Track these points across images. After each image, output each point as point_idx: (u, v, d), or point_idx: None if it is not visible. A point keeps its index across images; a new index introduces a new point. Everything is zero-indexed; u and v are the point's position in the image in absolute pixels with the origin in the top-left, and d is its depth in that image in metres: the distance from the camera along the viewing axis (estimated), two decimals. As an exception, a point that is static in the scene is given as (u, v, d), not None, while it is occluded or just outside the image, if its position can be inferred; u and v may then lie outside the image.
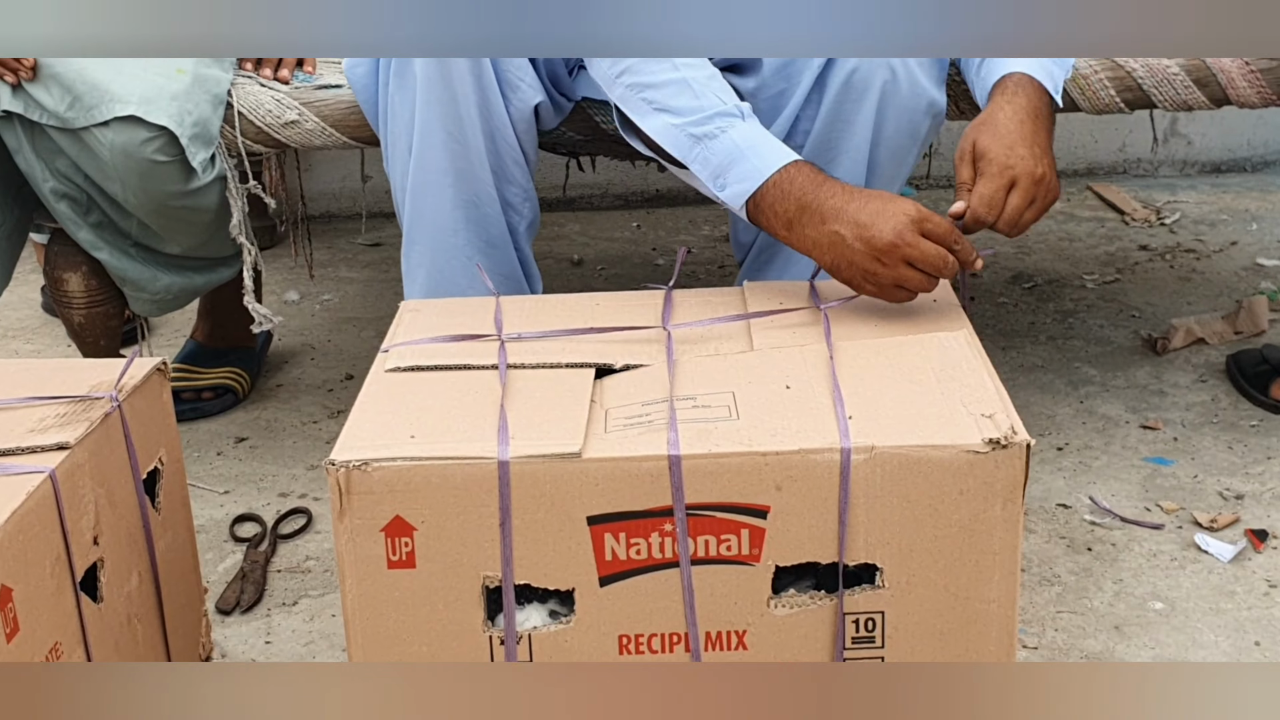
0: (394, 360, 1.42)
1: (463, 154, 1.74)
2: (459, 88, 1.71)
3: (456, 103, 1.72)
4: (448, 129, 1.73)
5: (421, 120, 1.73)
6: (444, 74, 1.71)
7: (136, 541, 1.50)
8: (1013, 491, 1.25)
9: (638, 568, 1.28)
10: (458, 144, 1.74)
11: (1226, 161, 3.19)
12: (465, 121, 1.73)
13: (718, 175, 1.58)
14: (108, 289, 2.02)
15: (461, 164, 1.75)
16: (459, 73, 1.71)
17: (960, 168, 1.56)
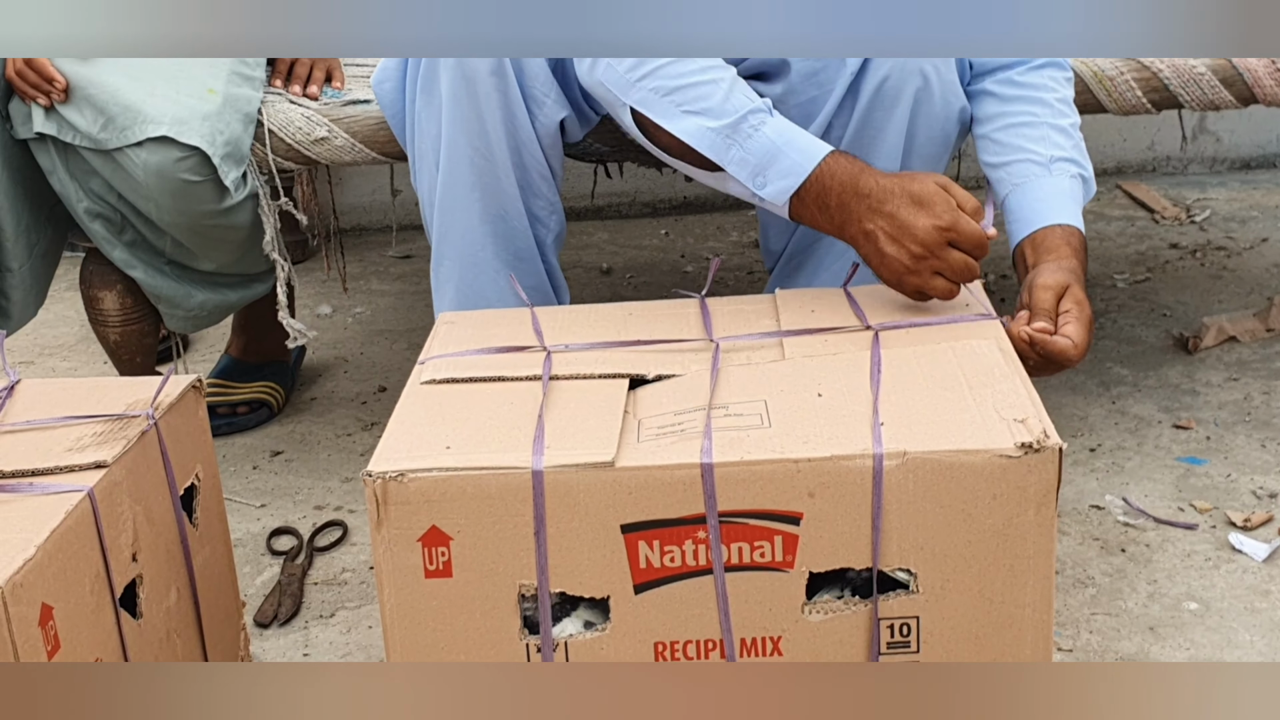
0: (430, 373, 1.43)
1: (489, 169, 1.75)
2: (484, 104, 1.72)
3: (482, 119, 1.73)
4: (474, 145, 1.74)
5: (448, 137, 1.75)
6: (470, 91, 1.72)
7: (175, 557, 1.51)
8: (1046, 496, 1.25)
9: (672, 575, 1.29)
10: (484, 160, 1.75)
11: (1256, 158, 3.18)
12: (491, 137, 1.74)
13: (757, 174, 1.58)
14: (143, 307, 2.04)
15: (488, 179, 1.76)
16: (484, 89, 1.72)
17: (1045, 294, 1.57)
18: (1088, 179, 1.75)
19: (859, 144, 1.76)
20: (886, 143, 1.76)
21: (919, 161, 1.79)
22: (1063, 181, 1.72)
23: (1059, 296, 1.56)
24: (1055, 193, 1.72)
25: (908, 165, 1.79)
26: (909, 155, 1.78)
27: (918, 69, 1.72)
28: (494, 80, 1.71)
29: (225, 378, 2.28)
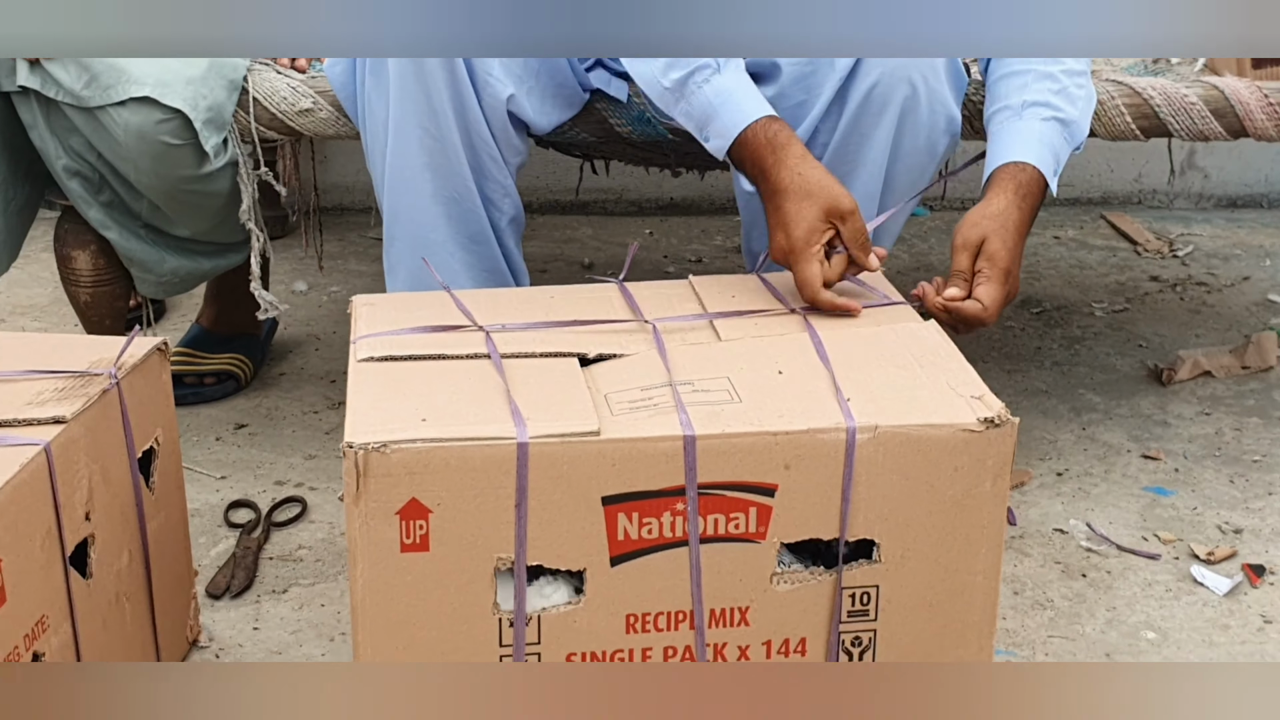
0: (366, 351, 1.43)
1: (439, 150, 1.75)
2: (432, 83, 1.72)
3: (430, 98, 1.73)
4: (423, 125, 1.74)
5: (396, 117, 1.75)
6: (417, 70, 1.72)
7: (129, 520, 1.50)
8: (1002, 468, 1.32)
9: (648, 547, 1.32)
10: (433, 140, 1.75)
11: (1243, 196, 3.18)
12: (440, 117, 1.74)
13: (700, 128, 1.66)
14: (115, 269, 2.02)
15: (439, 160, 1.76)
16: (431, 68, 1.72)
17: (960, 255, 1.62)
18: (1066, 120, 1.74)
19: (845, 150, 1.76)
20: (873, 150, 1.75)
21: (904, 170, 1.78)
22: (1030, 124, 1.72)
23: (974, 255, 1.61)
24: (1015, 134, 1.72)
25: (892, 173, 1.79)
26: (894, 163, 1.78)
27: (906, 78, 1.72)
28: (441, 60, 1.71)
29: (194, 347, 2.26)
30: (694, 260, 2.89)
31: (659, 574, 1.32)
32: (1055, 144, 1.72)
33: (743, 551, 1.32)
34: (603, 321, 1.50)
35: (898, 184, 1.81)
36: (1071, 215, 3.12)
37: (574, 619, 1.32)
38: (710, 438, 1.29)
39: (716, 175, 2.72)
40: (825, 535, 1.33)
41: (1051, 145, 1.71)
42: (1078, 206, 3.17)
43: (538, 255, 2.89)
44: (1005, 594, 1.75)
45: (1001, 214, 1.64)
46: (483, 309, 1.52)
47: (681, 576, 1.32)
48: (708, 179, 2.87)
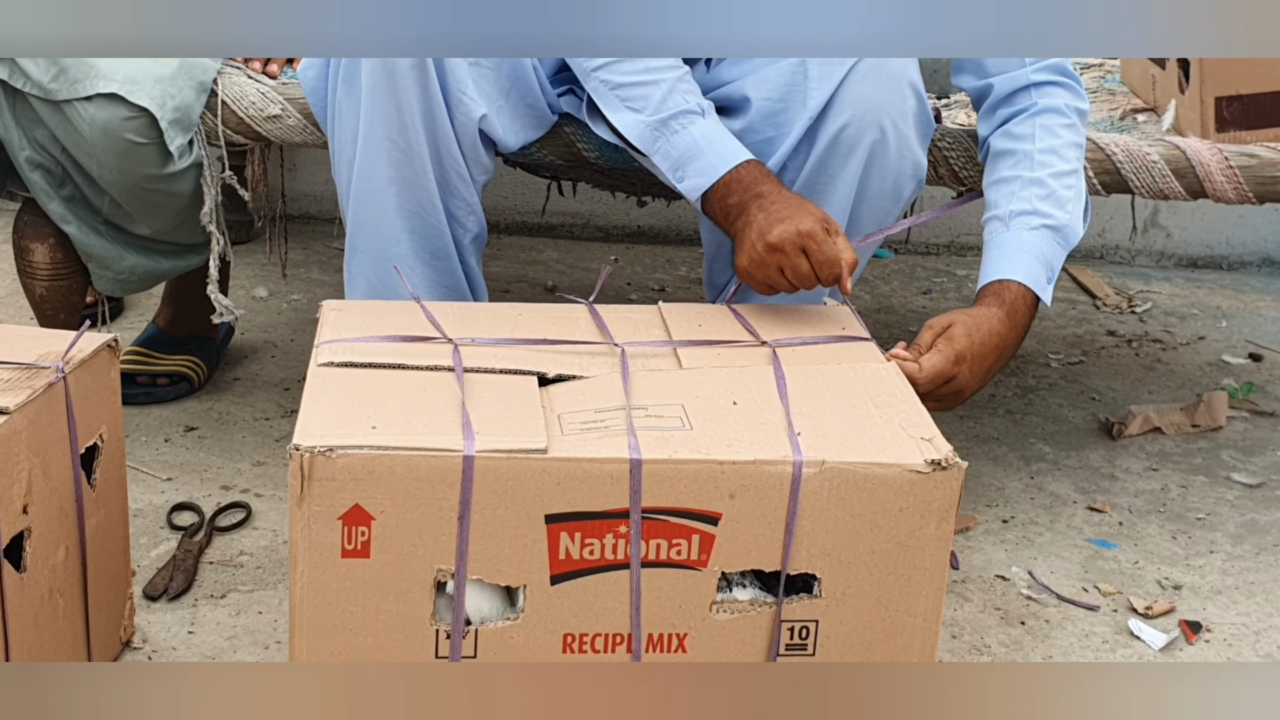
0: (328, 355, 1.43)
1: (407, 163, 1.76)
2: (404, 96, 1.72)
3: (401, 112, 1.73)
4: (392, 138, 1.74)
5: (366, 129, 1.75)
6: (390, 84, 1.72)
7: (67, 515, 1.49)
8: (947, 511, 1.33)
9: (589, 568, 1.32)
10: (402, 153, 1.75)
11: (1204, 257, 3.21)
12: (410, 130, 1.74)
13: (677, 168, 1.69)
14: (73, 263, 2.01)
15: (406, 173, 1.76)
16: (404, 81, 1.72)
17: (924, 333, 1.66)
18: (1057, 226, 1.77)
19: (811, 188, 1.76)
20: (838, 191, 1.76)
21: (869, 212, 1.79)
22: (1019, 235, 1.75)
23: (938, 334, 1.65)
24: (1004, 247, 1.75)
25: (857, 215, 1.80)
26: (859, 205, 1.79)
27: (875, 122, 1.73)
28: (414, 74, 1.72)
29: (149, 347, 2.25)
30: (658, 289, 2.89)
31: (598, 595, 1.32)
32: (1046, 252, 1.75)
33: (684, 578, 1.33)
34: (570, 342, 1.51)
35: (862, 226, 1.82)
36: (1034, 266, 3.13)
37: (511, 635, 1.32)
38: (657, 463, 1.29)
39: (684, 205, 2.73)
40: (767, 567, 1.33)
41: (1041, 254, 1.75)
42: (1041, 258, 3.19)
43: (501, 275, 2.89)
44: (944, 638, 1.75)
45: (978, 315, 1.68)
46: (451, 322, 1.52)
47: (621, 599, 1.33)
48: (674, 209, 2.88)
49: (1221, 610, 1.86)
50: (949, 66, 2.20)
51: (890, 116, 1.74)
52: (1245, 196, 1.90)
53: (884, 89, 1.74)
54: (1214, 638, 1.80)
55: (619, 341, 1.50)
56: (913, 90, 1.76)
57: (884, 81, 1.74)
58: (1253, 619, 1.84)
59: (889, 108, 1.74)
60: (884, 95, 1.74)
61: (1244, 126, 1.94)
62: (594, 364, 1.46)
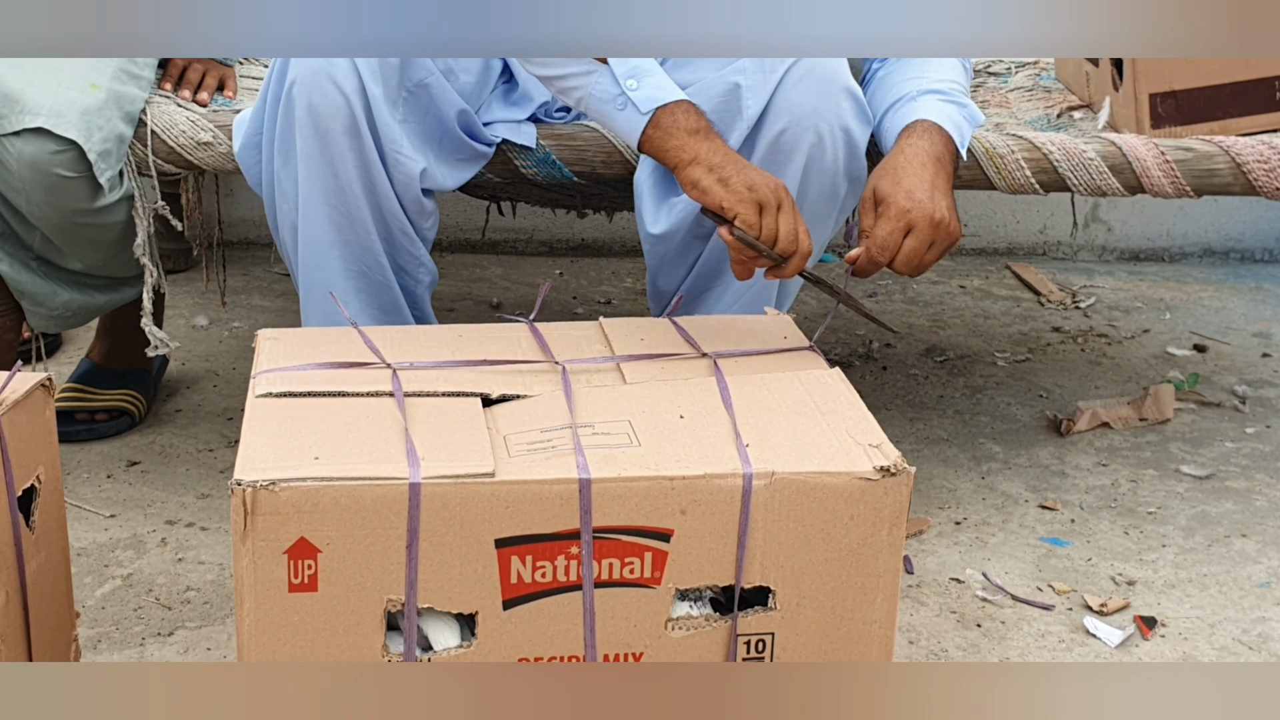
0: (265, 386, 1.41)
1: (349, 226, 1.76)
2: (339, 164, 1.72)
3: (338, 177, 1.73)
4: (331, 204, 1.74)
5: (304, 197, 1.75)
6: (323, 151, 1.71)
7: (6, 560, 1.45)
8: (898, 517, 1.33)
9: (542, 590, 1.31)
10: (343, 217, 1.75)
11: (1145, 250, 3.23)
12: (348, 195, 1.74)
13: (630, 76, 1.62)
14: (6, 301, 1.98)
15: (348, 235, 1.76)
16: (338, 149, 1.71)
17: (863, 216, 1.65)
18: (963, 104, 1.79)
19: None
20: None
21: (808, 215, 1.79)
22: (928, 102, 1.76)
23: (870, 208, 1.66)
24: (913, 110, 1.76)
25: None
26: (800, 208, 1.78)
27: (813, 126, 1.73)
28: (349, 140, 1.71)
29: (85, 383, 2.22)
30: (603, 302, 2.88)
31: (552, 618, 1.31)
32: (955, 118, 1.76)
33: (637, 597, 1.32)
34: (511, 362, 1.49)
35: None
36: (977, 265, 3.15)
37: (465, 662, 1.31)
38: (606, 481, 1.28)
39: (626, 218, 2.72)
40: (721, 581, 1.33)
41: (952, 117, 1.76)
42: (983, 257, 3.20)
43: (445, 294, 2.87)
44: (900, 643, 1.75)
45: (889, 162, 1.68)
46: (389, 346, 1.50)
47: (575, 621, 1.32)
48: (617, 221, 2.87)
49: (1176, 604, 1.86)
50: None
51: (826, 121, 1.75)
52: (1183, 190, 1.91)
53: (818, 93, 1.74)
54: (1169, 632, 1.80)
55: (560, 359, 1.49)
56: (847, 93, 1.76)
57: (817, 86, 1.74)
58: (1207, 611, 1.85)
59: (825, 112, 1.74)
60: (819, 99, 1.74)
61: (1179, 122, 1.95)
62: (537, 383, 1.45)
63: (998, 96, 2.27)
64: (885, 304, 2.88)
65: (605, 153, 1.87)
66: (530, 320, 1.59)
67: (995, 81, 2.36)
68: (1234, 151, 1.90)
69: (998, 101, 2.24)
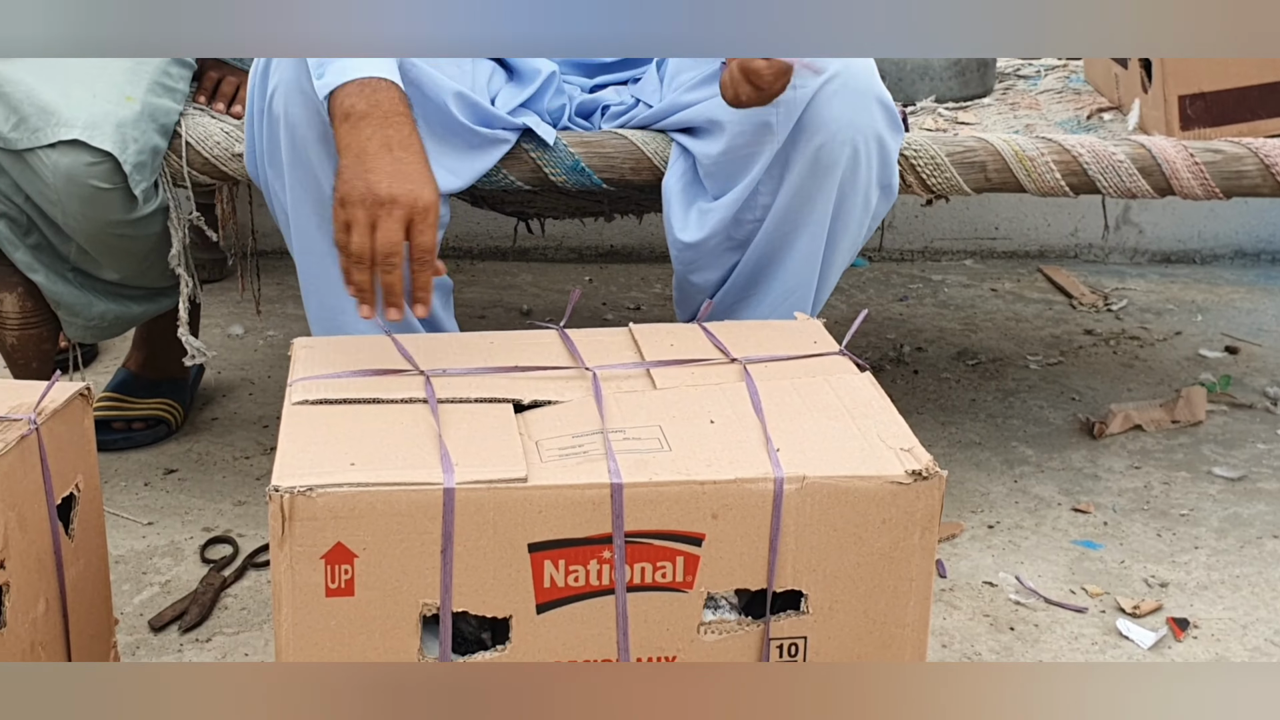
0: (301, 394, 1.42)
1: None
2: (319, 170, 1.70)
3: (320, 185, 1.70)
4: (319, 212, 1.72)
5: (293, 204, 1.73)
6: (303, 159, 1.70)
7: (46, 567, 1.47)
8: (930, 521, 1.33)
9: (575, 595, 1.32)
10: (330, 224, 1.73)
11: (1176, 252, 3.22)
12: (330, 203, 1.67)
13: (319, 66, 1.56)
14: (43, 312, 2.00)
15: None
16: (316, 156, 1.69)
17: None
18: None
19: (790, 212, 1.77)
20: (817, 211, 1.78)
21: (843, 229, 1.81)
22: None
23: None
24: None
25: (834, 231, 1.81)
26: (835, 222, 1.80)
27: (849, 140, 1.74)
28: (321, 147, 1.68)
29: (122, 392, 2.24)
30: (633, 308, 2.89)
31: (585, 622, 1.32)
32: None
33: (670, 601, 1.33)
34: (542, 368, 1.50)
35: (839, 244, 1.83)
36: (1008, 268, 3.15)
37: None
38: (638, 486, 1.29)
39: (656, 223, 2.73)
40: (753, 585, 1.33)
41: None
42: (1014, 260, 3.20)
43: (476, 301, 2.88)
44: (934, 647, 1.75)
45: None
46: (423, 354, 1.51)
47: (608, 625, 1.32)
48: (646, 227, 2.87)
49: (1208, 606, 1.86)
50: (913, 74, 2.21)
51: (862, 133, 1.75)
52: (1212, 192, 1.91)
53: (853, 107, 1.74)
54: (1202, 634, 1.80)
55: (591, 365, 1.50)
56: (880, 104, 1.76)
57: (852, 100, 1.73)
58: (1239, 613, 1.84)
59: (860, 124, 1.74)
60: (853, 113, 1.74)
61: (1208, 124, 1.95)
62: (568, 389, 1.46)
63: (1027, 99, 2.27)
64: (916, 308, 2.88)
65: (634, 159, 1.88)
66: (561, 327, 1.60)
67: (1025, 84, 2.37)
68: (1263, 153, 1.90)
69: (1027, 104, 2.24)
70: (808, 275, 1.82)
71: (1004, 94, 2.30)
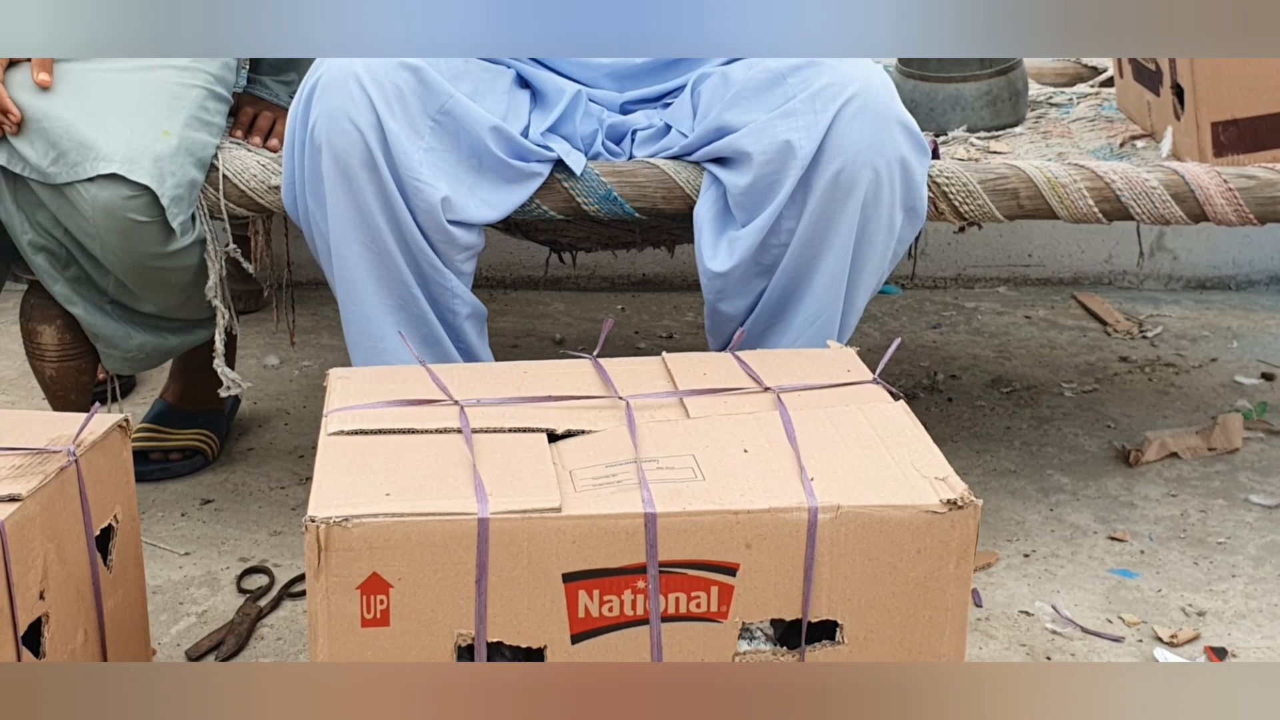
0: (337, 424, 1.43)
1: (379, 261, 1.78)
2: (361, 196, 1.75)
3: (361, 212, 1.75)
4: (360, 240, 1.77)
5: (336, 233, 1.76)
6: (347, 185, 1.74)
7: (85, 598, 1.49)
8: (966, 550, 1.33)
9: (609, 625, 1.32)
10: (372, 252, 1.77)
11: (1211, 278, 3.21)
12: (374, 229, 1.76)
13: None
14: (81, 344, 2.02)
15: (379, 270, 1.78)
16: (358, 182, 1.74)
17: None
18: None
19: (813, 236, 1.78)
20: (840, 234, 1.79)
21: (868, 250, 1.81)
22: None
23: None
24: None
25: (859, 254, 1.81)
26: (860, 245, 1.81)
27: (869, 163, 1.75)
28: (366, 173, 1.73)
29: (159, 423, 2.26)
30: (665, 336, 2.90)
31: (619, 652, 1.32)
32: None
33: (704, 631, 1.33)
34: (575, 397, 1.51)
35: (864, 267, 1.83)
36: (1042, 295, 3.14)
37: None
38: (671, 515, 1.29)
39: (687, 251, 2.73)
40: (788, 615, 1.33)
41: None
42: (1048, 286, 3.19)
43: (509, 330, 2.89)
44: (969, 676, 1.74)
45: None
46: (457, 384, 1.52)
47: (642, 655, 1.33)
48: (678, 255, 2.88)
49: (1246, 634, 1.84)
50: (944, 104, 2.21)
51: (883, 156, 1.76)
52: (1246, 218, 1.90)
53: (873, 130, 1.75)
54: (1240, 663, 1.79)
55: (624, 394, 1.50)
56: (900, 126, 1.77)
57: (872, 122, 1.75)
58: (1278, 641, 1.83)
59: (881, 147, 1.75)
60: (874, 136, 1.75)
61: (1241, 150, 1.94)
62: (601, 418, 1.47)
63: (1060, 127, 2.27)
64: (950, 335, 2.88)
65: (666, 188, 1.89)
66: (594, 356, 1.61)
67: (1057, 112, 2.36)
68: (1298, 179, 1.90)
69: (1060, 132, 2.24)
70: (833, 299, 1.83)
71: (1036, 122, 2.30)
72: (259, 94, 2.12)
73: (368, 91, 1.73)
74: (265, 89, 2.13)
